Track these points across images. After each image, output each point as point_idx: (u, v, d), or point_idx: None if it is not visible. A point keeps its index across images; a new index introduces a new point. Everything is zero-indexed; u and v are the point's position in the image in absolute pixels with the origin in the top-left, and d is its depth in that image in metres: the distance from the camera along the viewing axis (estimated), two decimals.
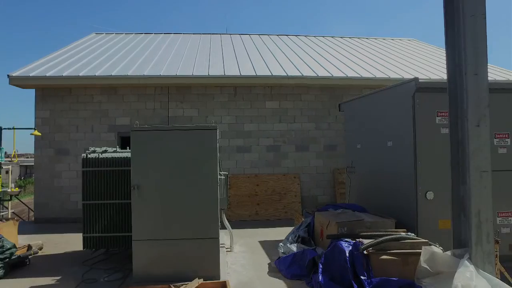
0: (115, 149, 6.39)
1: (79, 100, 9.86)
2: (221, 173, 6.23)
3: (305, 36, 16.05)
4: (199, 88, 10.11)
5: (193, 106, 10.10)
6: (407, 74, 10.42)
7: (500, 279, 3.97)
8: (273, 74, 10.04)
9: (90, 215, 5.90)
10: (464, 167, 3.99)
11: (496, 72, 11.70)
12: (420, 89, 5.40)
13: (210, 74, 9.88)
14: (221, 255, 5.38)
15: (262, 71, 10.27)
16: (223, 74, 9.93)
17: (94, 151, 6.11)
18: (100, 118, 9.89)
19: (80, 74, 9.51)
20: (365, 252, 4.50)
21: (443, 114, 5.39)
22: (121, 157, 5.99)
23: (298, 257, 5.43)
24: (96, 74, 9.54)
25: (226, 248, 6.72)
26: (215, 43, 14.00)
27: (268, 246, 6.89)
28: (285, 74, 10.07)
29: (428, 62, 12.56)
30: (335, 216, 5.80)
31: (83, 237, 5.91)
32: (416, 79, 5.46)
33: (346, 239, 4.86)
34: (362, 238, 4.80)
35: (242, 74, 9.95)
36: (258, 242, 7.33)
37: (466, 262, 3.73)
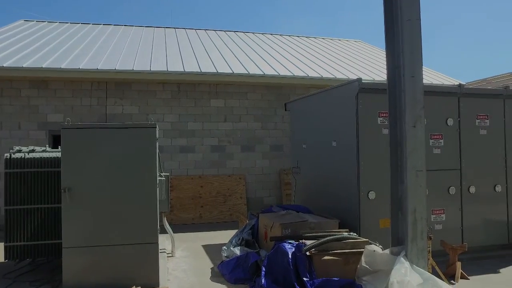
0: (44, 148, 6.06)
1: (3, 94, 9.24)
2: (161, 174, 6.12)
3: (253, 33, 16.19)
4: (140, 84, 9.86)
5: (134, 103, 9.83)
6: (353, 74, 10.84)
7: (432, 273, 4.27)
8: (219, 71, 10.03)
9: (13, 221, 5.53)
10: (402, 167, 4.23)
11: (433, 76, 12.50)
12: (363, 89, 5.65)
13: (152, 69, 9.66)
14: (161, 261, 5.29)
15: (208, 68, 10.22)
16: (166, 70, 9.75)
17: (19, 151, 5.75)
18: (29, 114, 9.33)
19: (5, 65, 8.91)
20: (307, 253, 4.63)
21: (384, 114, 5.68)
22: (50, 157, 5.69)
23: (242, 260, 5.46)
24: (23, 66, 8.98)
25: (167, 254, 6.62)
26: (158, 37, 13.72)
27: (212, 250, 6.87)
28: (231, 72, 10.09)
29: (373, 63, 13.15)
30: (279, 218, 5.90)
31: (5, 247, 5.54)
32: (359, 79, 5.70)
33: (289, 241, 4.96)
34: (305, 239, 4.94)
35: (186, 70, 9.83)
36: (201, 246, 7.29)
37: (402, 259, 3.98)
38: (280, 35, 16.43)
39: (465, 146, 6.29)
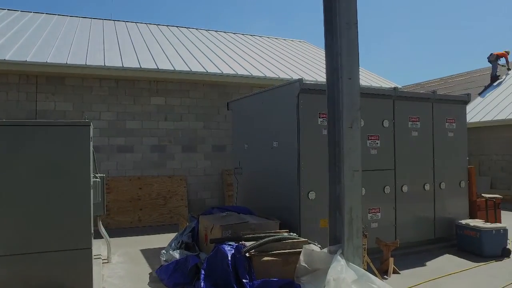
0: None
1: None
2: (96, 175, 5.94)
3: (196, 29, 16.06)
4: (74, 79, 9.47)
5: (67, 100, 9.42)
6: (296, 75, 11.11)
7: (367, 270, 4.52)
8: (160, 67, 9.87)
9: None
10: (339, 167, 4.42)
11: (373, 79, 13.13)
12: (304, 90, 5.82)
13: (88, 63, 9.29)
14: (95, 267, 5.13)
15: (148, 63, 10.03)
16: (104, 65, 9.43)
17: None
18: None
19: None
20: (247, 254, 4.70)
21: (324, 115, 5.87)
22: None
23: (181, 264, 5.42)
24: None
25: (103, 260, 6.42)
26: (96, 29, 13.21)
27: (151, 255, 6.76)
28: (172, 69, 9.98)
29: (316, 64, 13.56)
30: (220, 219, 5.93)
31: None
32: (300, 80, 5.87)
33: (229, 243, 4.99)
34: (245, 241, 5.00)
35: (124, 66, 9.58)
36: (139, 251, 7.15)
37: (339, 257, 4.17)
38: (225, 32, 16.46)
39: (399, 147, 6.72)
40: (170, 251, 5.95)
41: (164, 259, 5.87)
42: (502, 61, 17.29)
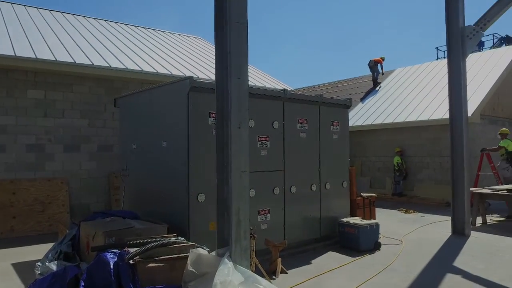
0: None
1: None
2: None
3: (84, 16, 14.97)
4: None
5: None
6: (189, 72, 11.03)
7: (256, 271, 4.63)
8: (38, 57, 9.04)
9: None
10: (227, 168, 4.46)
11: (268, 81, 13.60)
12: (194, 88, 5.75)
13: None
14: None
15: (24, 52, 9.10)
16: None
17: None
18: None
19: None
20: (131, 261, 4.51)
21: (214, 115, 5.88)
22: None
23: (59, 276, 5.02)
24: None
25: None
26: None
27: (25, 269, 6.20)
28: (54, 59, 9.22)
29: (210, 62, 13.53)
30: (103, 225, 5.64)
31: None
32: (191, 77, 5.79)
33: (112, 250, 4.77)
34: (130, 247, 4.80)
35: None
36: (11, 265, 6.50)
37: (226, 260, 4.21)
38: (115, 22, 15.62)
39: (288, 148, 7.00)
40: (47, 263, 5.53)
41: (40, 272, 5.42)
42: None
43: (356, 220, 7.48)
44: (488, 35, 23.15)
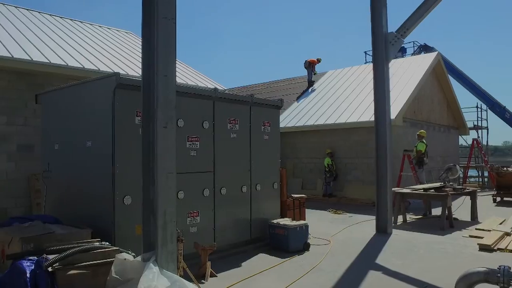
0: None
1: None
2: None
3: (3, 4, 13.83)
4: None
5: None
6: (118, 68, 10.61)
7: (184, 276, 4.54)
8: None
9: None
10: (153, 168, 4.34)
11: (202, 80, 13.44)
12: (121, 85, 5.53)
13: None
14: None
15: None
16: None
17: None
18: None
19: None
20: (50, 269, 4.26)
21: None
22: None
23: None
24: None
25: None
26: None
27: None
28: None
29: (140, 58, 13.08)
30: (20, 231, 5.32)
31: None
32: (117, 74, 5.57)
33: (30, 258, 4.49)
34: (49, 254, 4.53)
35: None
36: None
37: (151, 265, 4.10)
38: (39, 12, 14.60)
39: (219, 149, 6.94)
40: None
41: None
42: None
43: (286, 221, 7.59)
44: (409, 42, 24.59)
